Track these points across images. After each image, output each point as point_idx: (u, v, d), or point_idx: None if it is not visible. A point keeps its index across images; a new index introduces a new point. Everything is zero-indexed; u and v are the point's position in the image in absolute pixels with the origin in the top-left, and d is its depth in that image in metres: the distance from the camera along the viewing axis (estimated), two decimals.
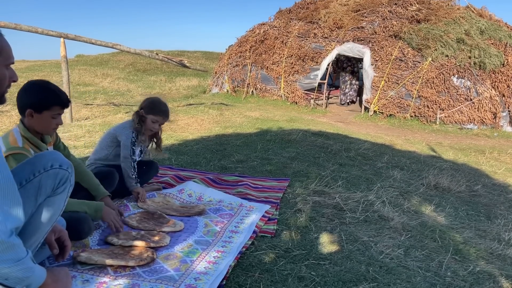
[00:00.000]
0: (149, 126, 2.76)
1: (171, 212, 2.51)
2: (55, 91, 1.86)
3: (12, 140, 1.80)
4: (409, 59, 10.32)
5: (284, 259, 1.99)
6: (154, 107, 2.75)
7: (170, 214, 2.49)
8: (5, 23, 6.02)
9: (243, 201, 2.76)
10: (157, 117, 2.74)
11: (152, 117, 2.73)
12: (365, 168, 4.15)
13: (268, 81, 12.04)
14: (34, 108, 1.80)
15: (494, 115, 9.63)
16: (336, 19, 11.93)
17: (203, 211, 2.52)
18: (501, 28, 11.14)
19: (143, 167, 2.94)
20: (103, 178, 2.43)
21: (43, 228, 1.48)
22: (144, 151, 2.93)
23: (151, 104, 2.76)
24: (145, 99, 2.84)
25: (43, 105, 1.81)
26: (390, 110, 10.18)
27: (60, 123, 1.92)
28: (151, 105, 2.76)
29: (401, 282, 1.87)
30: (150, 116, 2.73)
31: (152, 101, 2.79)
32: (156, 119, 2.74)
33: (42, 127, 1.87)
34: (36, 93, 1.83)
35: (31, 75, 14.50)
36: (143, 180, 2.91)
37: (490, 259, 2.32)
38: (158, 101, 2.80)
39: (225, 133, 5.49)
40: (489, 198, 3.69)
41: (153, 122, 2.75)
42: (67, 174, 1.51)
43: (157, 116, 2.74)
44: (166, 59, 8.42)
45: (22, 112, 1.84)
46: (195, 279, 1.69)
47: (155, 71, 18.00)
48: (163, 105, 2.79)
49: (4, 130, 4.87)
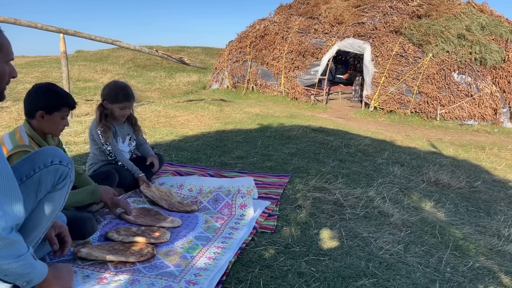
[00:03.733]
0: (119, 114, 2.68)
1: (164, 205, 2.51)
2: (63, 93, 1.97)
3: (19, 138, 1.86)
4: (409, 55, 10.30)
5: (284, 255, 1.99)
6: (116, 95, 2.63)
7: (162, 206, 2.51)
8: (4, 18, 5.99)
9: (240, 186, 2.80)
10: (122, 104, 2.65)
11: (117, 105, 2.64)
12: (365, 164, 4.15)
13: (268, 77, 12.02)
14: (45, 109, 1.89)
15: (495, 111, 9.62)
16: (336, 15, 11.89)
17: (193, 211, 2.50)
18: (502, 23, 11.10)
19: None
20: (104, 178, 2.45)
21: (44, 224, 1.49)
22: (132, 136, 2.90)
23: (111, 92, 2.65)
24: (104, 88, 2.71)
25: (53, 106, 1.91)
26: (390, 106, 10.16)
27: (67, 124, 2.01)
28: (111, 93, 2.64)
29: (400, 278, 1.88)
30: (114, 105, 2.64)
31: (111, 89, 2.66)
32: (122, 106, 2.65)
33: (51, 128, 1.96)
34: (46, 95, 1.92)
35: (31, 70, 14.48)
36: (149, 175, 2.92)
37: (490, 255, 2.33)
38: (118, 87, 2.67)
39: (225, 129, 5.48)
40: (489, 194, 3.69)
41: (121, 109, 2.66)
42: (67, 170, 1.51)
43: (122, 103, 2.65)
44: (166, 56, 8.40)
45: (31, 114, 1.91)
46: (195, 275, 1.70)
47: (155, 67, 17.96)
48: (123, 89, 2.67)
49: (4, 126, 4.87)
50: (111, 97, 2.64)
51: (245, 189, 2.76)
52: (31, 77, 12.95)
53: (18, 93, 8.90)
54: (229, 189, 2.76)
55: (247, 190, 2.74)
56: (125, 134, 2.85)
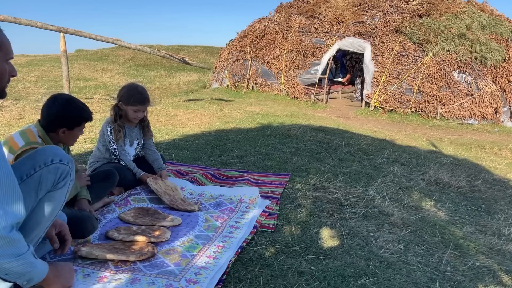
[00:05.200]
0: (132, 117, 2.70)
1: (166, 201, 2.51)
2: (83, 108, 2.03)
3: (32, 136, 1.90)
4: (410, 54, 10.29)
5: (284, 254, 1.99)
6: (132, 97, 2.65)
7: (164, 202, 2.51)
8: (4, 16, 5.99)
9: (243, 195, 2.76)
10: (137, 106, 2.67)
11: (131, 107, 2.66)
12: (366, 163, 4.15)
13: (268, 76, 12.01)
14: (67, 127, 1.96)
15: (495, 110, 9.62)
16: (337, 14, 11.88)
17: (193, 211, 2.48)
18: (502, 22, 11.09)
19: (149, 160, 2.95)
20: (104, 178, 2.46)
21: (44, 223, 1.49)
22: (141, 141, 2.90)
23: (127, 94, 2.67)
24: (121, 89, 2.74)
25: (76, 123, 1.99)
26: (390, 105, 10.16)
27: (82, 133, 2.13)
28: (127, 95, 2.67)
29: (400, 277, 1.88)
30: (129, 107, 2.66)
31: (128, 90, 2.69)
32: (137, 109, 2.68)
33: (69, 141, 2.06)
34: (67, 111, 1.95)
35: (31, 69, 14.48)
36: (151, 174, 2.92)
37: (490, 254, 2.33)
38: (134, 89, 2.70)
39: (225, 128, 5.48)
40: (489, 193, 3.69)
41: (135, 111, 2.68)
42: (68, 169, 1.51)
43: (137, 106, 2.67)
44: (168, 56, 8.39)
45: (52, 130, 1.95)
46: (196, 274, 1.70)
47: (155, 66, 17.95)
48: (140, 92, 2.69)
49: (4, 125, 4.87)
50: (126, 98, 2.67)
51: (247, 198, 2.69)
52: (31, 76, 12.96)
53: (18, 92, 8.90)
54: (231, 197, 2.72)
55: (249, 199, 2.67)
56: (133, 138, 2.85)
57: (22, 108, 6.17)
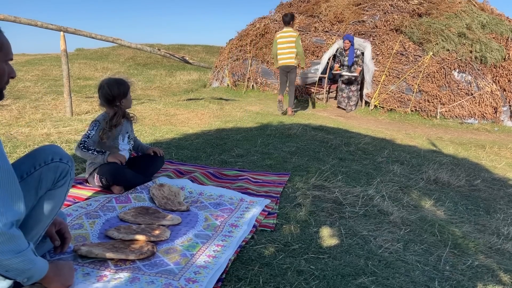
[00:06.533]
0: (129, 105, 2.88)
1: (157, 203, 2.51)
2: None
3: None
4: (410, 53, 10.28)
5: (283, 253, 2.00)
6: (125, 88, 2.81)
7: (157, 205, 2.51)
8: (4, 15, 5.99)
9: (243, 196, 2.76)
10: (129, 93, 2.86)
11: (128, 95, 2.84)
12: (365, 163, 4.15)
13: (268, 75, 12.01)
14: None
15: (495, 110, 9.61)
16: (337, 13, 11.87)
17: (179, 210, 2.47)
18: (502, 22, 11.08)
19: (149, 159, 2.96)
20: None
21: (44, 221, 1.49)
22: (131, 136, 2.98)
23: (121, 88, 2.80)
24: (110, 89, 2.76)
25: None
26: (390, 105, 10.16)
27: None
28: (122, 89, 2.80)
29: (399, 276, 1.88)
30: (127, 97, 2.83)
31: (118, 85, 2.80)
32: (130, 96, 2.86)
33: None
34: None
35: (31, 69, 14.47)
36: (151, 172, 2.93)
37: (489, 253, 2.33)
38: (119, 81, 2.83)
39: (225, 127, 5.48)
40: (488, 193, 3.69)
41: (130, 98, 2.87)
42: (68, 168, 1.51)
43: (129, 94, 2.85)
44: (168, 55, 8.39)
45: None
46: (195, 273, 1.70)
47: (155, 65, 17.95)
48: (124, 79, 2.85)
49: (4, 124, 4.87)
50: (123, 92, 2.80)
51: (247, 198, 2.70)
52: (31, 75, 12.95)
53: (18, 91, 8.90)
54: (232, 197, 2.72)
55: (249, 199, 2.68)
56: (124, 132, 2.87)
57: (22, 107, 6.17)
